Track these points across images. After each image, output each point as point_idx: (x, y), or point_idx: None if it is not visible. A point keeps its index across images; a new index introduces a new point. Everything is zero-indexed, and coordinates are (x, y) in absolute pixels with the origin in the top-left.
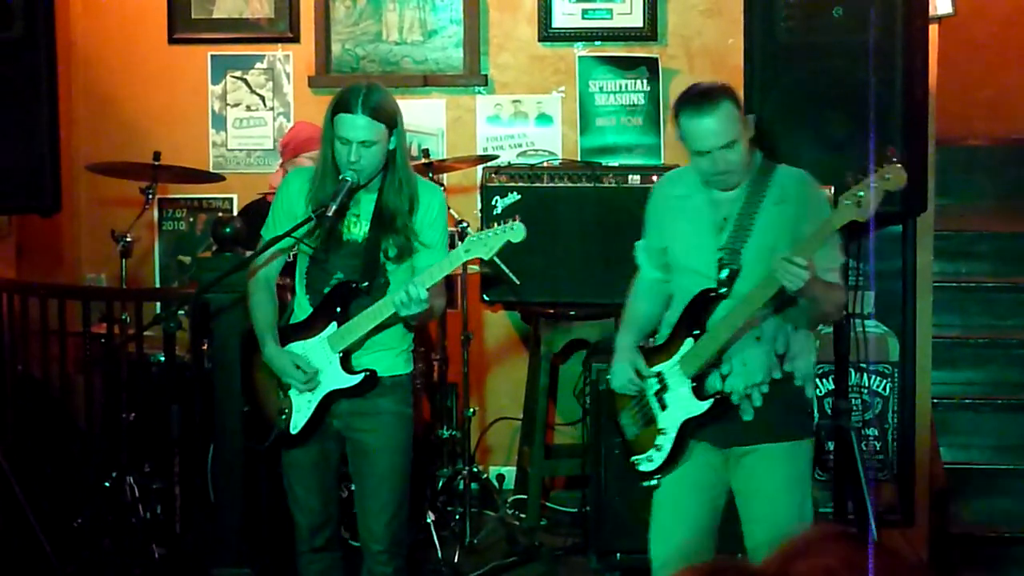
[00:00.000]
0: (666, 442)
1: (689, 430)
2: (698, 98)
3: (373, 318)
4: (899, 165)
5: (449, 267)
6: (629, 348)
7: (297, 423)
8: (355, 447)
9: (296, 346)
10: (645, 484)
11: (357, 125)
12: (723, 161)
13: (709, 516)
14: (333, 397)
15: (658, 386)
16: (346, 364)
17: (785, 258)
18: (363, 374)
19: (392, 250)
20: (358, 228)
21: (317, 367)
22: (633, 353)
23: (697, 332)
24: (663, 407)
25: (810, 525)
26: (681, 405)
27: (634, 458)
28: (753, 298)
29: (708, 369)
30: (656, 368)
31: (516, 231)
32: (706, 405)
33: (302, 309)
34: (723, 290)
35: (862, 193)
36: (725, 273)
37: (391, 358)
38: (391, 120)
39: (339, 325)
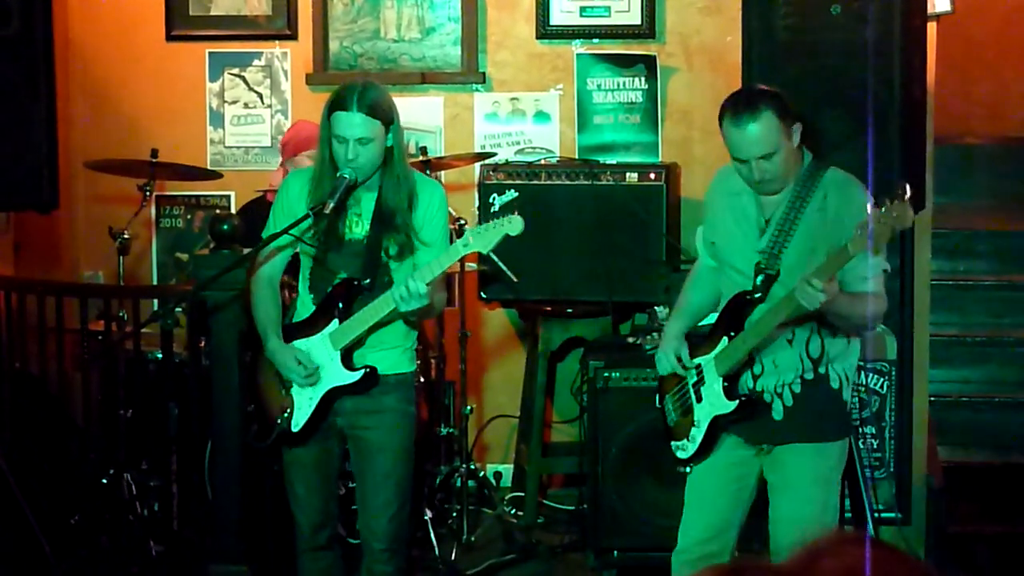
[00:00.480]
0: (698, 434)
1: (720, 425)
2: (740, 106)
3: (373, 315)
4: (907, 203)
5: (448, 262)
6: (676, 336)
7: (298, 421)
8: (358, 445)
9: (299, 343)
10: (679, 469)
11: (353, 123)
12: (759, 171)
13: (731, 509)
14: (334, 395)
15: (696, 378)
16: (347, 361)
17: (804, 279)
18: (363, 371)
19: (393, 248)
20: (359, 227)
21: (318, 364)
22: (679, 341)
23: (733, 333)
24: (699, 399)
25: (831, 525)
26: (713, 401)
27: (672, 444)
28: (778, 310)
29: (741, 369)
30: (697, 360)
31: (514, 224)
32: (733, 405)
33: (305, 308)
34: (757, 295)
35: (873, 225)
36: (760, 279)
37: (395, 356)
38: (387, 117)
39: (340, 322)
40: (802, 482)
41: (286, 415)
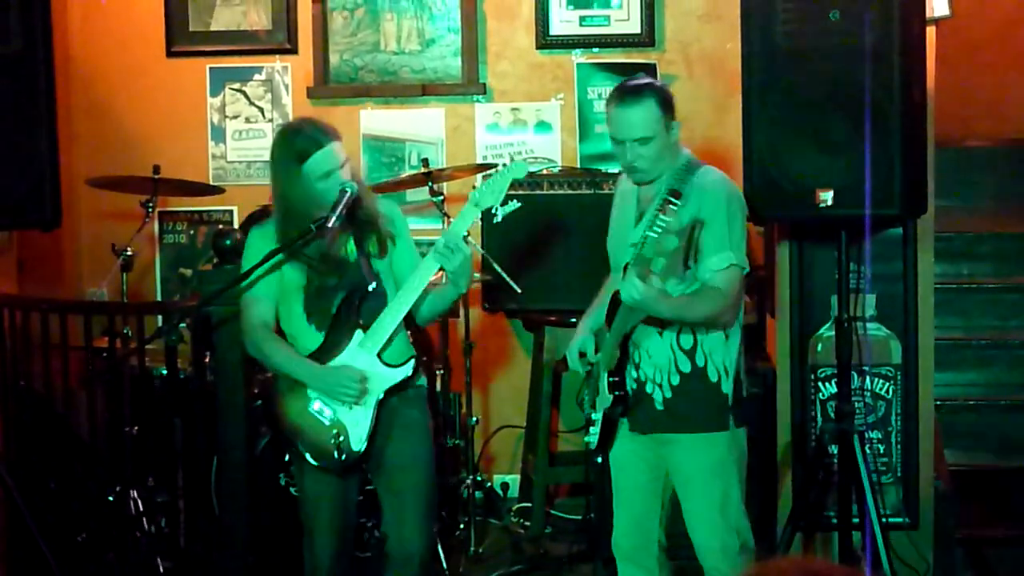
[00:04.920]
0: (597, 424)
1: (613, 417)
2: (625, 91)
3: (406, 301)
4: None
5: (469, 220)
6: (584, 331)
7: (360, 436)
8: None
9: (333, 363)
10: (594, 460)
11: (334, 152)
12: (633, 154)
13: (646, 500)
14: (385, 397)
15: (596, 372)
16: (384, 361)
17: (626, 274)
18: (409, 361)
19: (374, 246)
20: (343, 248)
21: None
22: (586, 336)
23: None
24: (597, 392)
25: (736, 518)
26: (603, 394)
27: (586, 437)
28: (625, 307)
29: (623, 362)
30: (598, 356)
31: (518, 168)
32: (610, 399)
33: (307, 337)
34: None
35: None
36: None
37: (401, 344)
38: (339, 134)
39: (364, 331)
40: (697, 475)
41: (340, 440)
